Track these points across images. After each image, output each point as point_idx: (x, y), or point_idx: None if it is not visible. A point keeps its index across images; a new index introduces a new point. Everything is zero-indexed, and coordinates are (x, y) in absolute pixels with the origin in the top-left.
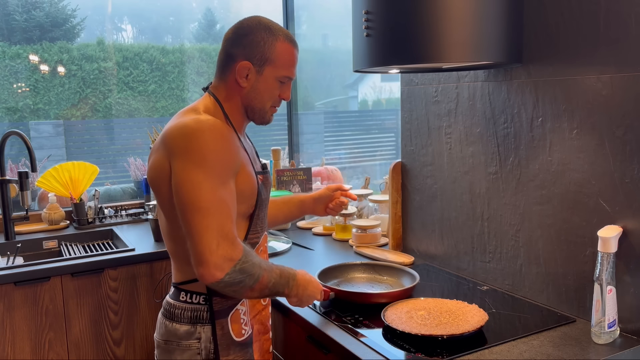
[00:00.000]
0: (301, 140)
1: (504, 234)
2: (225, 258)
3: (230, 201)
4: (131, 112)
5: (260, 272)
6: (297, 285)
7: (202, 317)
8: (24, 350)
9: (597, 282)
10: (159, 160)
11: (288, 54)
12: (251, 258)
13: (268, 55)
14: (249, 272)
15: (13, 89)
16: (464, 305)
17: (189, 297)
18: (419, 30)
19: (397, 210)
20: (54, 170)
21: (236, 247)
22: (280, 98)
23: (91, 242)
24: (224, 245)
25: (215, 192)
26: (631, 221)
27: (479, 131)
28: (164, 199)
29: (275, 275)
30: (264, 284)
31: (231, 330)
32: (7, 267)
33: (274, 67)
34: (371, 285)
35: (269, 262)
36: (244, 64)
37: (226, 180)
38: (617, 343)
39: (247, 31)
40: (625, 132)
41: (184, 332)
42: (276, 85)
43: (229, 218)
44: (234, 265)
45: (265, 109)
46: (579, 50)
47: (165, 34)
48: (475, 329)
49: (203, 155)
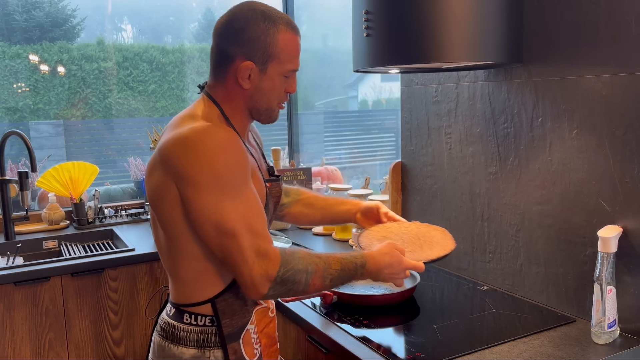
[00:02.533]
0: (301, 140)
1: (504, 234)
2: (263, 277)
3: (255, 209)
4: (131, 112)
5: (308, 276)
6: (369, 272)
7: (210, 340)
8: (24, 350)
9: (597, 282)
10: (160, 181)
11: (292, 45)
12: (293, 266)
13: (271, 51)
14: (293, 281)
15: (13, 89)
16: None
17: (194, 319)
18: (419, 30)
19: (397, 210)
20: (54, 170)
21: (271, 262)
22: (286, 92)
23: (91, 242)
24: (259, 262)
25: (237, 210)
26: (631, 221)
27: (479, 131)
28: (164, 219)
29: (334, 272)
30: (319, 285)
31: (244, 353)
32: (7, 267)
33: (278, 62)
34: (371, 286)
35: (327, 257)
36: (245, 65)
37: (244, 189)
38: (617, 343)
39: (243, 24)
40: (625, 132)
41: (191, 357)
42: (281, 81)
43: (257, 231)
44: (273, 279)
45: (272, 107)
46: (579, 50)
47: (165, 34)
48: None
49: (214, 173)
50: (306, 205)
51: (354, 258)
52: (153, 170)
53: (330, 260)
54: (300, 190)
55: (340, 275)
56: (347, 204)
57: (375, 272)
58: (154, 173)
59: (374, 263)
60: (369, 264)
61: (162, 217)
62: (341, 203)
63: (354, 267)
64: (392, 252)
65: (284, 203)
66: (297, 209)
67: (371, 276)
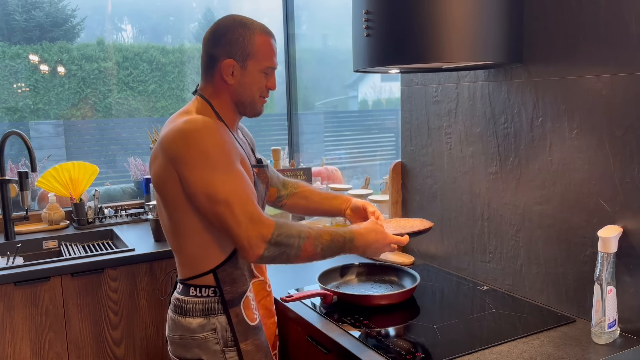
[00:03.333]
0: (301, 140)
1: (504, 234)
2: (258, 237)
3: (245, 184)
4: (131, 112)
5: (300, 241)
6: (356, 247)
7: (214, 308)
8: (24, 350)
9: (597, 282)
10: (162, 167)
11: (267, 45)
12: (286, 230)
13: (249, 50)
14: (286, 244)
15: (13, 89)
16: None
17: (199, 291)
18: (419, 30)
19: (397, 210)
20: (53, 170)
21: (264, 225)
22: (267, 88)
23: (91, 242)
24: (252, 226)
25: (227, 182)
26: (631, 221)
27: (479, 131)
28: (168, 201)
29: (324, 241)
30: (311, 251)
31: (245, 317)
32: (7, 267)
33: (256, 60)
34: (371, 286)
35: (318, 228)
36: (227, 62)
37: (233, 167)
38: (617, 343)
39: (224, 30)
40: (625, 133)
41: (197, 326)
42: (261, 77)
43: (249, 200)
44: (268, 240)
45: (255, 100)
46: (579, 50)
47: (165, 34)
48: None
49: (204, 153)
50: (302, 198)
51: (343, 232)
52: (155, 160)
53: (321, 231)
54: (298, 183)
55: (330, 245)
56: (339, 199)
57: (362, 247)
58: (155, 162)
59: (362, 239)
60: (356, 240)
61: (165, 199)
62: (333, 198)
63: (343, 240)
64: (376, 228)
65: (281, 195)
66: (293, 201)
67: (358, 251)
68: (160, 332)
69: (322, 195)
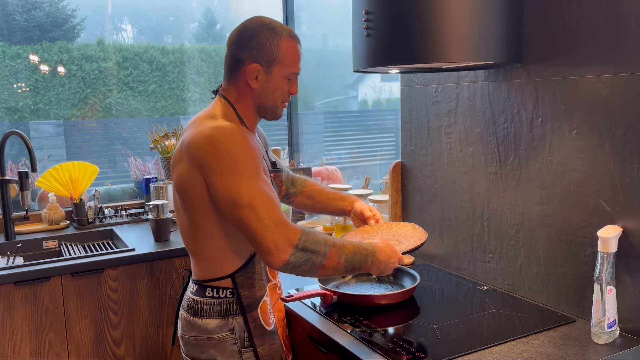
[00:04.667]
0: (301, 140)
1: (504, 234)
2: (284, 241)
3: (270, 190)
4: (131, 112)
5: (326, 248)
6: (379, 261)
7: (232, 309)
8: (24, 350)
9: (597, 282)
10: (187, 171)
11: (293, 51)
12: (312, 237)
13: (275, 55)
14: (312, 250)
15: (13, 89)
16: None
17: (216, 292)
18: (419, 30)
19: (397, 210)
20: (54, 170)
21: (291, 230)
22: (289, 93)
23: (91, 242)
24: (279, 230)
25: (253, 187)
26: (631, 221)
27: (479, 131)
28: (190, 203)
29: (349, 252)
30: (335, 261)
31: (262, 321)
32: (7, 267)
33: (282, 65)
34: (371, 286)
35: (341, 240)
36: (253, 67)
37: (259, 173)
38: (617, 343)
39: (251, 33)
40: (625, 132)
41: (216, 326)
42: (285, 82)
43: (275, 206)
44: (295, 245)
45: (277, 105)
46: (579, 50)
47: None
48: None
49: (232, 160)
50: (308, 198)
51: (366, 245)
52: (177, 163)
53: (345, 242)
54: (307, 181)
55: (353, 257)
56: (344, 201)
57: (384, 262)
58: (178, 165)
59: (383, 254)
60: (378, 254)
61: (188, 202)
62: (339, 199)
63: (366, 253)
64: (390, 245)
65: (289, 192)
66: (300, 199)
67: (380, 265)
68: (161, 332)
69: (328, 196)
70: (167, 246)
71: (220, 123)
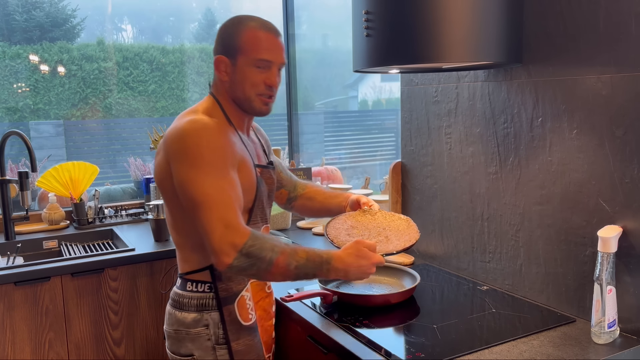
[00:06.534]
0: (301, 140)
1: (504, 234)
2: (229, 244)
3: (231, 190)
4: (131, 112)
5: (273, 255)
6: (335, 269)
7: (208, 304)
8: (24, 350)
9: (597, 282)
10: (161, 162)
11: (255, 38)
12: (260, 242)
13: (237, 44)
14: (257, 256)
15: (13, 89)
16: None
17: (195, 286)
18: (419, 30)
19: (397, 210)
20: (54, 170)
21: (239, 233)
22: (266, 85)
23: (91, 242)
24: (226, 233)
25: (213, 186)
26: (631, 221)
27: (479, 131)
28: (167, 196)
29: (300, 259)
30: (283, 268)
31: (239, 316)
32: (7, 267)
33: (244, 54)
34: (371, 286)
35: (295, 246)
36: (218, 59)
37: (224, 172)
38: (617, 343)
39: (221, 29)
40: (625, 132)
41: (192, 320)
42: (253, 71)
43: (230, 207)
44: (239, 250)
45: (250, 98)
46: (579, 50)
47: (165, 34)
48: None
49: (197, 154)
50: (307, 199)
51: (321, 252)
52: (157, 155)
53: (297, 249)
54: (307, 185)
55: (305, 264)
56: (340, 197)
57: (342, 270)
58: (157, 157)
59: (341, 261)
60: (334, 261)
61: (165, 195)
62: (335, 196)
63: (320, 260)
64: (358, 252)
65: (290, 197)
66: (300, 203)
67: (339, 274)
68: (161, 331)
69: (325, 195)
70: (167, 246)
71: (196, 117)
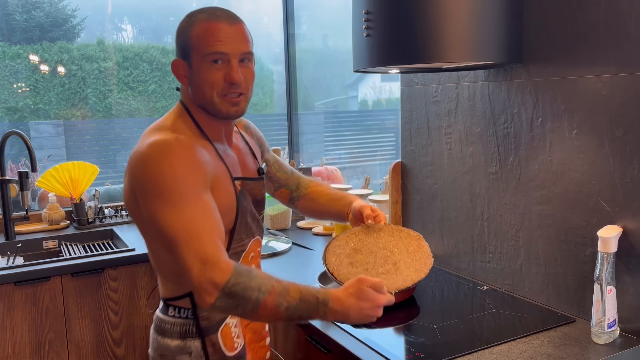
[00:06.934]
0: (301, 140)
1: (504, 234)
2: (209, 283)
3: (206, 219)
4: (131, 112)
5: (260, 295)
6: (333, 312)
7: (191, 331)
8: (24, 350)
9: (597, 282)
10: (127, 188)
11: (204, 31)
12: (244, 280)
13: (188, 43)
14: (241, 296)
15: (13, 89)
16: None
17: (177, 311)
18: (419, 30)
19: (397, 210)
20: (54, 170)
21: (219, 270)
22: (227, 82)
23: (91, 242)
24: (205, 269)
25: (183, 218)
26: (631, 221)
27: (479, 131)
28: (139, 223)
29: (292, 299)
30: (271, 310)
31: (223, 346)
32: (7, 267)
33: (196, 51)
34: None
35: (287, 283)
36: (174, 63)
37: (195, 199)
38: (617, 343)
39: (177, 29)
40: (625, 132)
41: (175, 348)
42: (209, 69)
43: (206, 239)
44: (221, 289)
45: (213, 100)
46: (579, 50)
47: (165, 34)
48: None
49: (161, 183)
50: (309, 200)
51: (317, 292)
52: (125, 178)
53: (289, 287)
54: (311, 182)
55: (298, 305)
56: (342, 201)
57: (341, 313)
58: (125, 180)
59: (339, 303)
60: (332, 302)
61: (137, 221)
62: (338, 200)
63: (315, 301)
64: (360, 293)
65: (293, 196)
66: (303, 203)
67: (337, 317)
68: None
69: (329, 197)
70: None
71: (158, 138)
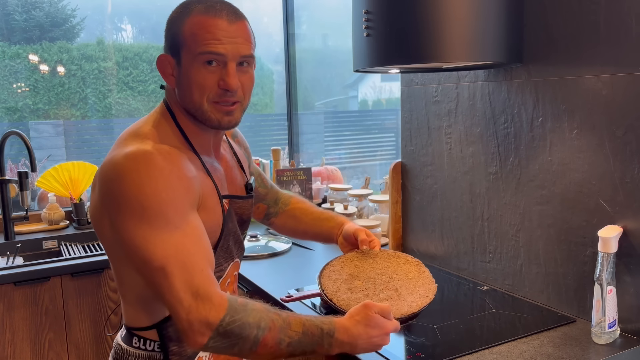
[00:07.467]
0: (301, 140)
1: (504, 234)
2: (201, 323)
3: (195, 244)
4: (131, 112)
5: (259, 333)
6: (339, 343)
7: None
8: (24, 350)
9: (597, 282)
10: (96, 204)
11: (199, 26)
12: (242, 316)
13: (180, 38)
14: (238, 335)
15: (13, 89)
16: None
17: (142, 343)
18: (419, 30)
19: (397, 210)
20: (53, 170)
21: (212, 307)
22: (220, 88)
23: (91, 242)
24: (197, 306)
25: (168, 244)
26: (631, 221)
27: (479, 131)
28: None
29: (294, 334)
30: (272, 347)
31: None
32: (7, 267)
33: (187, 48)
34: None
35: (288, 315)
36: (160, 59)
37: (182, 221)
38: (617, 343)
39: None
40: (625, 132)
41: None
42: (201, 70)
43: (196, 268)
44: (215, 329)
45: (202, 107)
46: (579, 50)
47: None
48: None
49: (142, 202)
50: (290, 217)
51: (321, 322)
52: (93, 190)
53: (291, 319)
54: (291, 198)
55: (301, 340)
56: (332, 222)
57: (348, 344)
58: (93, 193)
59: (346, 333)
60: (339, 333)
61: (104, 241)
62: (326, 219)
63: (320, 333)
64: (368, 320)
65: (270, 212)
66: (281, 220)
67: (344, 348)
68: None
69: (314, 216)
70: None
71: (136, 148)
